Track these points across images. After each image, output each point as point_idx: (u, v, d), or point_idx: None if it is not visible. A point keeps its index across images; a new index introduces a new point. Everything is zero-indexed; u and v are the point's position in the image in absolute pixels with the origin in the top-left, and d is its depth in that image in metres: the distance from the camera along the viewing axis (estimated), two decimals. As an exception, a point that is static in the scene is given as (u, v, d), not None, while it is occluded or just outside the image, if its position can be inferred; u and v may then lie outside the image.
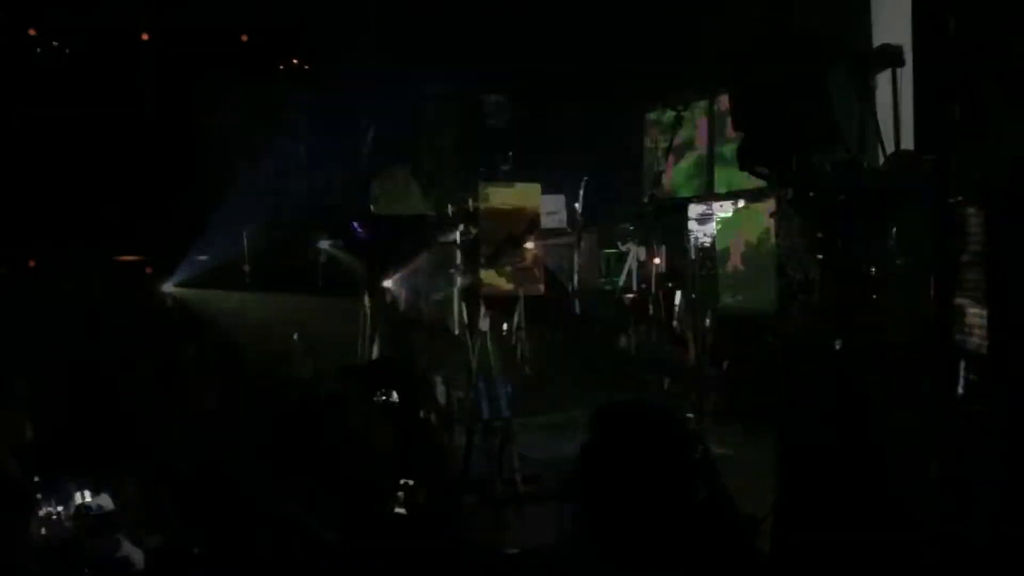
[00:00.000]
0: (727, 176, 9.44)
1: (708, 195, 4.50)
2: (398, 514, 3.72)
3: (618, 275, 10.14)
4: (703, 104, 8.44)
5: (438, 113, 10.54)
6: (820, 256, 3.21)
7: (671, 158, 4.86)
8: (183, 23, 9.64)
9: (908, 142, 3.60)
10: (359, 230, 6.85)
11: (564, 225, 10.49)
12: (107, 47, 9.91)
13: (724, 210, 4.89)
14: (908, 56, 3.75)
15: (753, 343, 8.06)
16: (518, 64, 9.28)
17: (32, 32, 9.64)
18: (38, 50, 9.80)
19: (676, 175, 9.82)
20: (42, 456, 3.59)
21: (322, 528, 4.95)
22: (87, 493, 3.58)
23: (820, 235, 3.18)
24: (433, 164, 10.62)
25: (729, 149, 9.31)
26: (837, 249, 3.19)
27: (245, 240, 8.81)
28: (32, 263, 9.63)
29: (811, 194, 3.19)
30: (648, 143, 10.71)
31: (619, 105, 10.33)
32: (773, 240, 8.41)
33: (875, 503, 3.21)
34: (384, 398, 4.52)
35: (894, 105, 3.63)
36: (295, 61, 10.20)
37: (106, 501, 3.63)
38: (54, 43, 9.82)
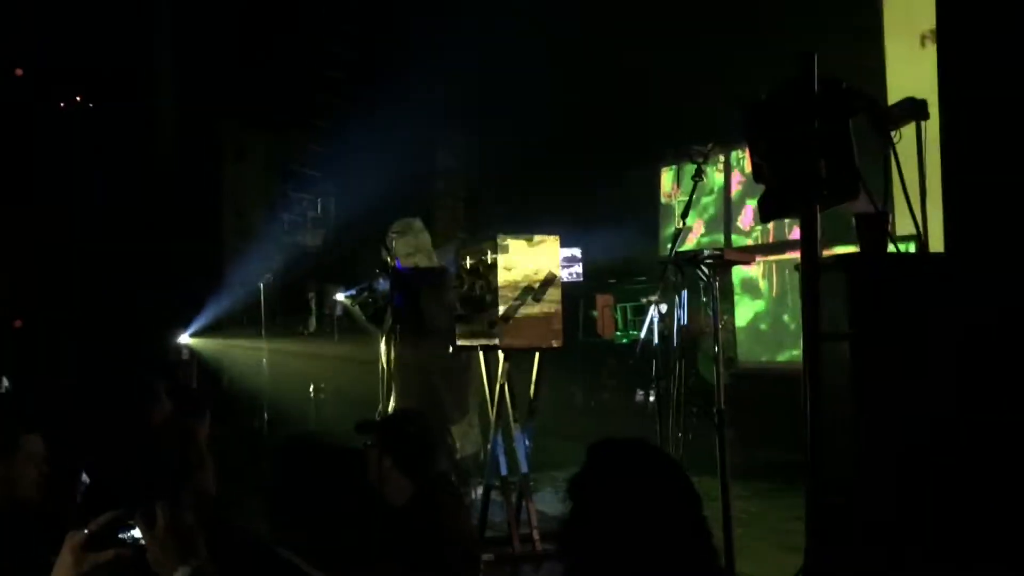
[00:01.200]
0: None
1: (727, 250, 4.46)
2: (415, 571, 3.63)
3: (635, 329, 10.11)
4: (720, 158, 8.47)
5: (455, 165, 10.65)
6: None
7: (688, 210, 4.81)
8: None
9: (934, 194, 3.59)
10: (377, 283, 6.82)
11: (580, 278, 10.50)
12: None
13: (744, 263, 4.84)
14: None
15: (773, 398, 8.02)
16: (533, 117, 9.36)
17: None
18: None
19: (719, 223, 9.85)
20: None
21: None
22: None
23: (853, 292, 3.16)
24: (449, 216, 10.70)
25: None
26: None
27: (262, 293, 8.82)
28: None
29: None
30: (663, 197, 10.74)
31: (634, 159, 10.40)
32: (791, 294, 8.45)
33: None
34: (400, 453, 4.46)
35: (918, 158, 3.61)
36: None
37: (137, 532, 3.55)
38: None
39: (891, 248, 3.49)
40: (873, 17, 7.46)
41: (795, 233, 8.46)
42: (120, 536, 3.25)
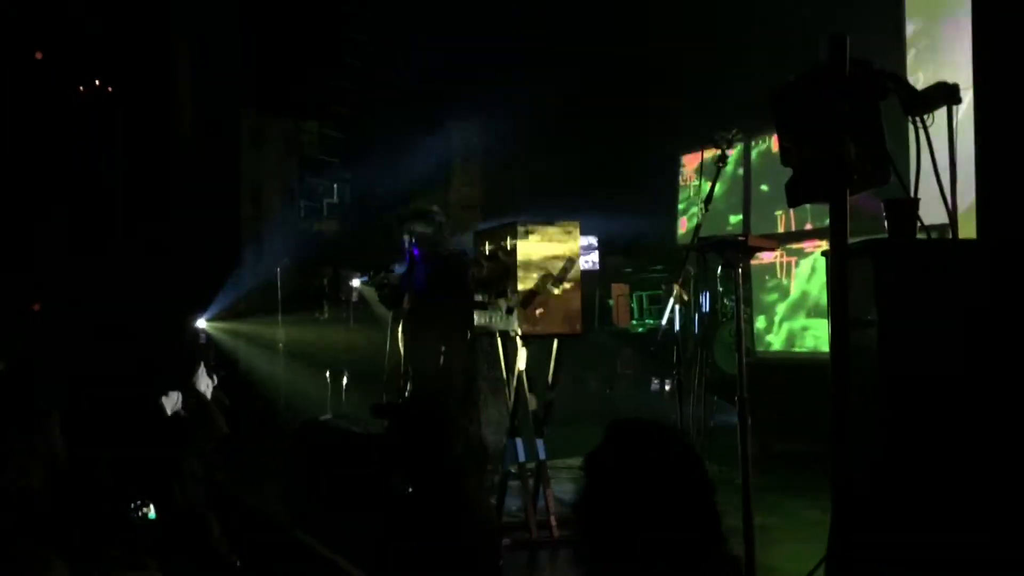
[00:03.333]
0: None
1: (750, 236, 4.41)
2: (434, 555, 3.61)
3: (651, 317, 10.07)
4: (740, 145, 8.39)
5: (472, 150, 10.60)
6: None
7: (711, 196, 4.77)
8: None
9: (966, 180, 3.53)
10: (396, 270, 6.79)
11: (597, 266, 10.46)
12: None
13: (768, 250, 4.80)
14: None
15: (790, 388, 7.97)
16: (551, 103, 9.31)
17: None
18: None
19: (713, 216, 9.78)
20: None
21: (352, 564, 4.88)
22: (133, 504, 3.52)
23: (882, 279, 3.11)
24: (467, 201, 10.66)
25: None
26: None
27: (279, 278, 8.82)
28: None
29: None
30: (682, 183, 10.67)
31: (654, 145, 10.33)
32: (816, 283, 8.37)
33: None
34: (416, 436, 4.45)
35: (950, 143, 3.54)
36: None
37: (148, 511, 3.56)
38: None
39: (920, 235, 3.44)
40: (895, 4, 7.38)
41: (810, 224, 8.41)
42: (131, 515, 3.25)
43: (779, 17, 7.66)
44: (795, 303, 8.84)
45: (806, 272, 8.63)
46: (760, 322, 9.12)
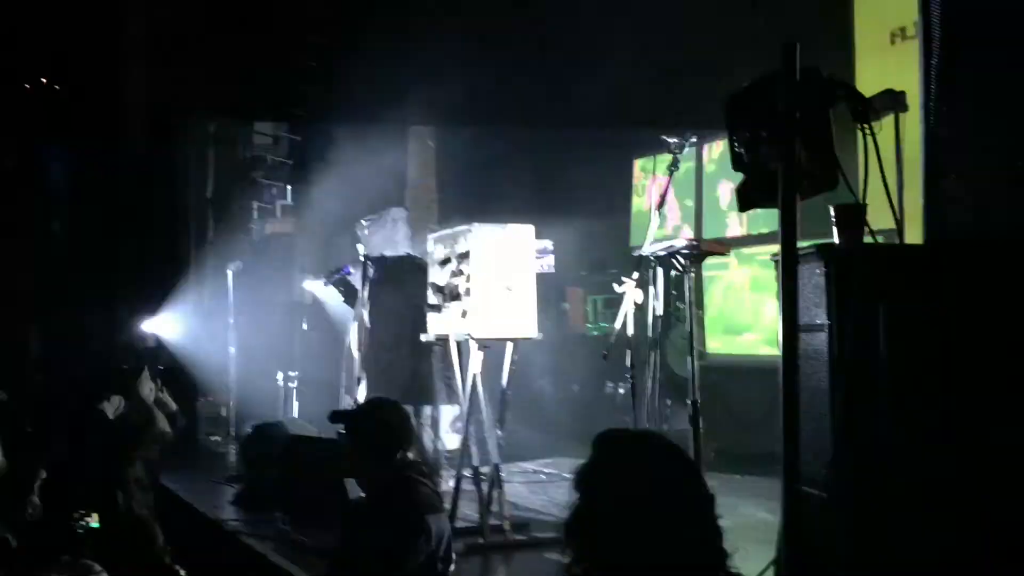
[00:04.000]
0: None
1: (702, 241, 4.45)
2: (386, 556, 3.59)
3: (606, 321, 10.10)
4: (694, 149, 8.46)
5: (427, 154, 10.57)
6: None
7: (667, 201, 4.81)
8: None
9: (912, 186, 3.59)
10: (348, 271, 6.77)
11: (552, 269, 10.47)
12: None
13: (719, 254, 4.84)
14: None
15: (741, 389, 8.05)
16: (508, 106, 9.31)
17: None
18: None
19: (663, 220, 9.85)
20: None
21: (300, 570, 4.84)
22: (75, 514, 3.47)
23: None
24: (422, 206, 10.62)
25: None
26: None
27: (230, 278, 8.71)
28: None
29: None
30: (636, 187, 10.73)
31: (608, 149, 10.37)
32: (765, 285, 8.47)
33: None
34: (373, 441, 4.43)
35: (896, 150, 3.60)
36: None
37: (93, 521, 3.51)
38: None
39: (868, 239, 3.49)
40: (843, 15, 7.50)
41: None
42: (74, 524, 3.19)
43: (731, 21, 7.74)
44: (744, 304, 8.96)
45: (757, 274, 8.74)
46: (711, 323, 9.22)
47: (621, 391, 9.40)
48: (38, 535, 3.24)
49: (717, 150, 9.17)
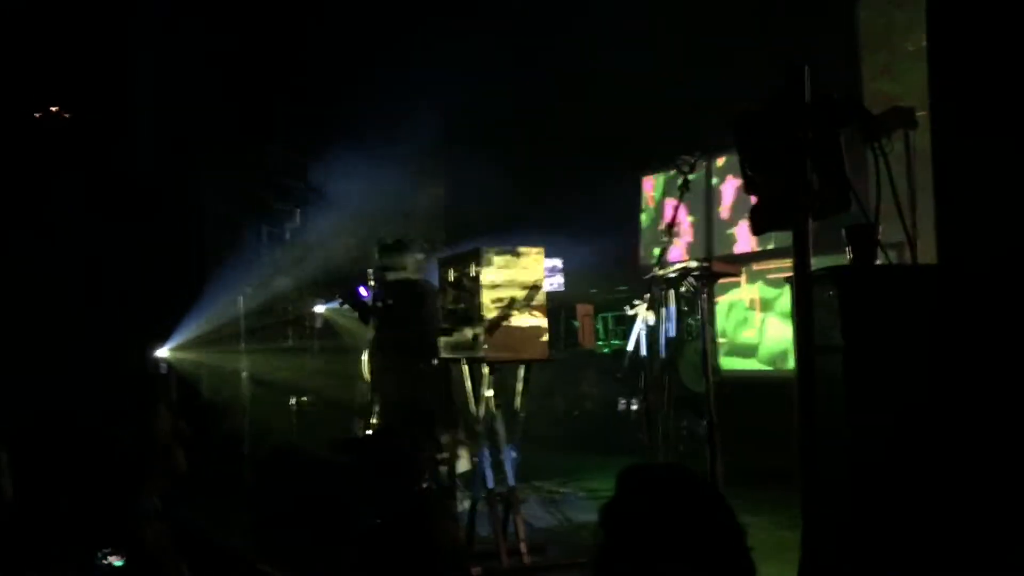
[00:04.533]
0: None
1: (714, 262, 4.45)
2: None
3: (617, 338, 10.10)
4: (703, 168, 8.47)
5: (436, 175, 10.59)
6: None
7: (677, 220, 4.82)
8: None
9: (925, 205, 3.59)
10: (360, 295, 6.78)
11: (562, 288, 10.49)
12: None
13: (732, 275, 4.85)
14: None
15: (755, 405, 8.02)
16: (513, 125, 9.35)
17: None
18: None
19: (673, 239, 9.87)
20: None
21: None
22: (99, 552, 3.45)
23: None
24: (431, 228, 10.63)
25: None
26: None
27: (241, 305, 8.73)
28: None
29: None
30: (644, 205, 10.75)
31: (616, 166, 10.39)
32: (778, 305, 8.47)
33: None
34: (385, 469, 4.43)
35: (907, 167, 3.61)
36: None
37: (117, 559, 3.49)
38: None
39: (881, 259, 3.49)
40: (850, 32, 7.51)
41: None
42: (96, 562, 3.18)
43: (740, 39, 7.76)
44: (759, 321, 8.94)
45: (771, 291, 8.73)
46: (725, 340, 9.21)
47: (634, 407, 9.40)
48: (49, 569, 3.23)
49: (721, 162, 9.19)
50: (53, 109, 9.69)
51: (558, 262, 10.36)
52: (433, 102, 8.66)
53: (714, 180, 9.48)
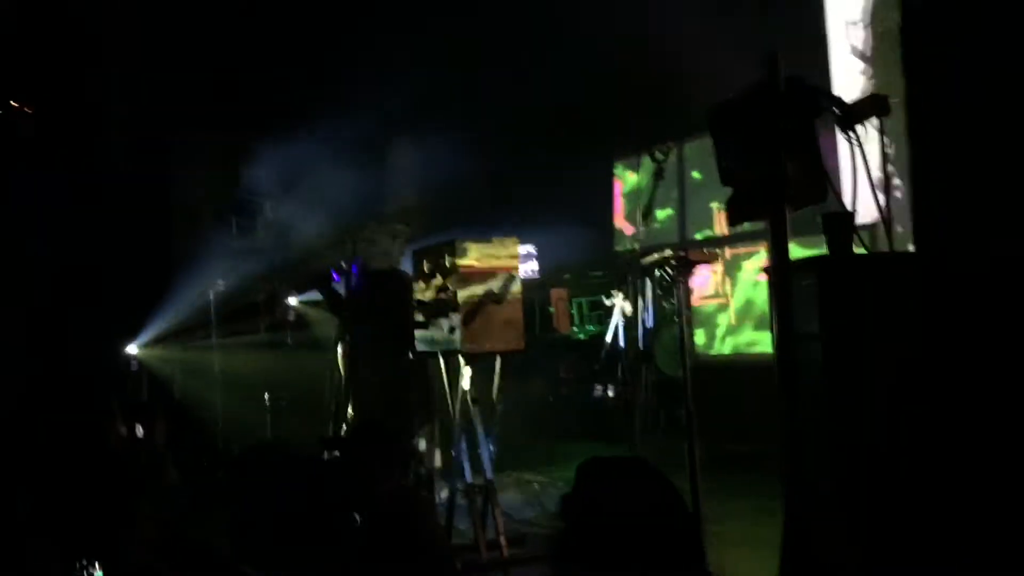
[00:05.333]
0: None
1: (690, 251, 4.43)
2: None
3: (592, 323, 10.09)
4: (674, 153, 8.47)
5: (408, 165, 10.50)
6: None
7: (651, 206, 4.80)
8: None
9: (898, 191, 3.58)
10: (333, 286, 6.70)
11: (536, 274, 10.46)
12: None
13: (708, 263, 4.83)
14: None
15: (732, 390, 8.04)
16: (487, 112, 9.29)
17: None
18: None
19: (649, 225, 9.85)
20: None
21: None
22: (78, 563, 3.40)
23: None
24: (404, 218, 10.54)
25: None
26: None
27: (212, 300, 8.62)
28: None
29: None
30: (617, 190, 10.72)
31: (590, 151, 10.36)
32: (751, 291, 8.48)
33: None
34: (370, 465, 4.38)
35: (882, 155, 3.59)
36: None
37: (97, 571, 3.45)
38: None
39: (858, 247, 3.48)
40: (818, 20, 7.51)
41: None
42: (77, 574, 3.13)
43: (711, 23, 7.73)
44: (734, 305, 8.96)
45: (746, 275, 8.74)
46: (699, 337, 9.20)
47: (611, 394, 9.40)
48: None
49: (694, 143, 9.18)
50: (14, 104, 9.49)
51: (532, 248, 10.32)
52: (404, 88, 8.56)
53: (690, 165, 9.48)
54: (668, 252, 4.35)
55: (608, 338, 4.71)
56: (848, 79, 7.03)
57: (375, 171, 9.94)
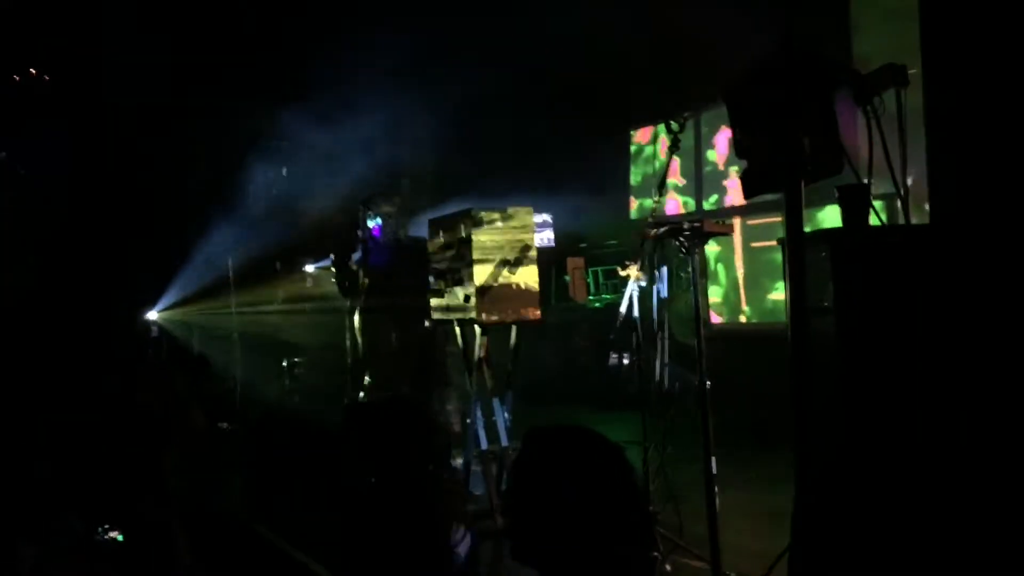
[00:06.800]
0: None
1: (705, 221, 4.42)
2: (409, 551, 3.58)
3: (607, 292, 10.10)
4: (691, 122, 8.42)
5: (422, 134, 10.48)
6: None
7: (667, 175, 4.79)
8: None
9: (916, 163, 3.56)
10: (352, 254, 6.72)
11: (552, 243, 10.46)
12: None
13: (724, 234, 4.82)
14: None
15: (745, 359, 8.04)
16: (502, 81, 9.24)
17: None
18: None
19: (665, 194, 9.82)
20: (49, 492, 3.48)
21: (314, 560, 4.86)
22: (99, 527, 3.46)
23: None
24: (419, 187, 10.56)
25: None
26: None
27: (230, 266, 8.68)
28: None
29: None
30: (633, 160, 10.69)
31: (605, 119, 10.31)
32: (761, 257, 8.45)
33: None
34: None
35: (899, 126, 3.56)
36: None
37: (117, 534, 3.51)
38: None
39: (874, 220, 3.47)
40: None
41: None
42: (96, 537, 3.19)
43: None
44: (747, 275, 8.94)
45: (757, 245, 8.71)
46: (715, 294, 9.21)
47: (626, 362, 9.43)
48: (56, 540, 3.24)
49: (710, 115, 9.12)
50: (32, 72, 9.52)
51: (548, 217, 10.32)
52: (419, 57, 8.53)
53: (705, 131, 9.42)
54: (683, 223, 4.34)
55: (623, 308, 4.71)
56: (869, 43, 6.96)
57: (390, 140, 9.93)
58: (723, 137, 9.18)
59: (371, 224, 6.66)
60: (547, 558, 2.11)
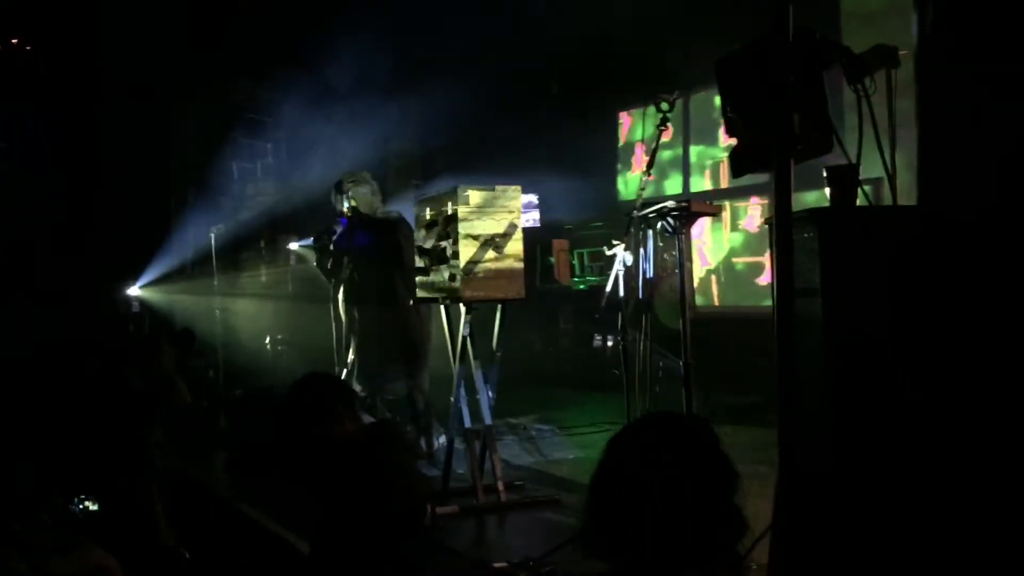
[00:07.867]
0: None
1: (692, 202, 4.41)
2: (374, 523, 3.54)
3: (592, 274, 10.08)
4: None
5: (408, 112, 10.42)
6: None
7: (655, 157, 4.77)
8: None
9: (906, 145, 3.55)
10: (335, 232, 6.68)
11: (538, 224, 10.44)
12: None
13: (711, 215, 4.81)
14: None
15: (729, 341, 8.07)
16: (489, 61, 9.20)
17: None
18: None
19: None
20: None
21: (297, 537, 4.84)
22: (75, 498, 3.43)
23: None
24: (405, 165, 10.51)
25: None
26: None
27: (213, 243, 8.62)
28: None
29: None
30: (621, 141, 10.66)
31: (593, 101, 10.28)
32: (747, 240, 8.46)
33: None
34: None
35: (889, 108, 3.55)
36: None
37: (93, 504, 3.48)
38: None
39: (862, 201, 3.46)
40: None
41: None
42: (72, 508, 3.15)
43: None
44: (733, 257, 8.96)
45: (745, 227, 8.72)
46: (699, 277, 9.22)
47: (610, 344, 9.44)
48: (34, 516, 3.20)
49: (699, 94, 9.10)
50: (14, 41, 9.40)
51: (533, 197, 10.30)
52: (405, 36, 8.47)
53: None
54: (671, 203, 4.33)
55: (608, 287, 4.70)
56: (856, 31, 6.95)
57: (379, 119, 9.88)
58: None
59: (344, 206, 6.62)
60: (636, 548, 1.89)
